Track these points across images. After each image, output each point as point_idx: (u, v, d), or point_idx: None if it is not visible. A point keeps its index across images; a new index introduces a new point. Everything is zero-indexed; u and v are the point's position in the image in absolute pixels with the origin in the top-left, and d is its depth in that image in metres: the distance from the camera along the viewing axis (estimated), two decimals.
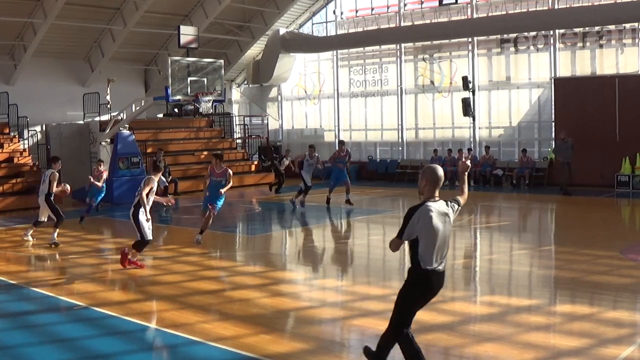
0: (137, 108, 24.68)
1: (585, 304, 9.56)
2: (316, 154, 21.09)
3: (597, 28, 25.39)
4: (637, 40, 24.96)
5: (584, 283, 10.67)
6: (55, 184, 14.43)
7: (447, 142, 29.69)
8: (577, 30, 25.95)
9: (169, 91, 22.46)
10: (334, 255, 14.47)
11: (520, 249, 14.56)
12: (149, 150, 27.12)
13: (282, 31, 31.97)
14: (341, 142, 22.85)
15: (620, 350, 7.20)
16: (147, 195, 11.84)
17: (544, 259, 13.38)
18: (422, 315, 8.87)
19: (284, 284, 11.32)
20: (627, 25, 24.77)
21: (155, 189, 12.10)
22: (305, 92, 34.28)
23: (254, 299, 10.03)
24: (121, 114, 24.93)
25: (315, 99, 34.03)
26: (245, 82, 35.65)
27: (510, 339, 7.78)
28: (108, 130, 24.47)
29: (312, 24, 33.55)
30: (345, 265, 13.34)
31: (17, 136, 25.13)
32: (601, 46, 25.76)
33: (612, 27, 25.07)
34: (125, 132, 24.50)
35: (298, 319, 9.12)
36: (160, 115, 28.14)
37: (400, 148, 30.93)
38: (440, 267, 6.26)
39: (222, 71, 24.84)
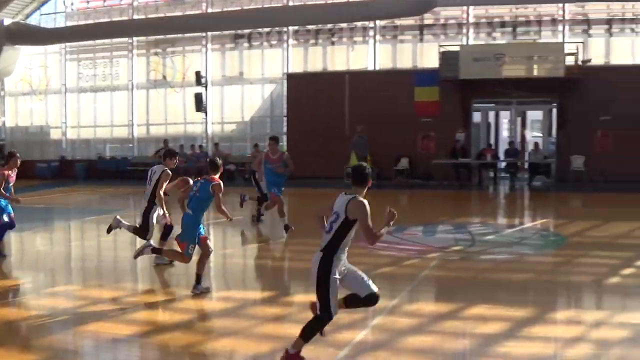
0: None
1: None
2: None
3: (329, 26, 26.60)
4: (367, 39, 26.59)
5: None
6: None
7: (179, 138, 29.41)
8: (310, 27, 27.00)
9: None
10: (62, 259, 13.44)
11: (253, 242, 14.68)
12: None
13: (7, 22, 29.61)
14: (272, 139, 15.51)
15: (355, 334, 7.50)
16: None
17: (278, 251, 13.66)
18: (154, 315, 8.55)
19: (9, 293, 10.23)
20: (358, 24, 26.29)
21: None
22: (31, 87, 32.14)
23: None
24: None
25: (42, 95, 32.03)
26: None
27: (247, 332, 7.78)
28: None
29: (40, 15, 31.47)
30: (74, 269, 12.45)
31: None
32: (333, 43, 27.07)
33: (344, 25, 26.43)
34: None
35: (28, 330, 8.30)
36: None
37: (131, 145, 30.10)
38: None
39: None
